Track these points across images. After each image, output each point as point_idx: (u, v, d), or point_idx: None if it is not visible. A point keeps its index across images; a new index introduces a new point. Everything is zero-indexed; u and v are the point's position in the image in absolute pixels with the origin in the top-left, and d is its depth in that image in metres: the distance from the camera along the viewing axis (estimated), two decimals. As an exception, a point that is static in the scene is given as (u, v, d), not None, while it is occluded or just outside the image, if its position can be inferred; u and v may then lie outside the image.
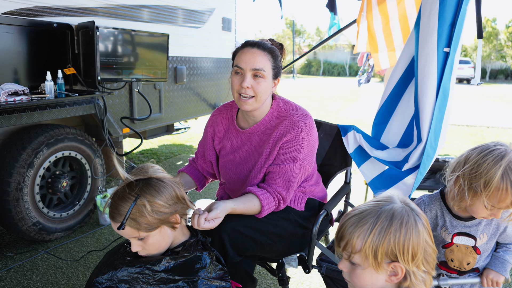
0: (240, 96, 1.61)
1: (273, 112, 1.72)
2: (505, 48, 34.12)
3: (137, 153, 5.63)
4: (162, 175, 1.32)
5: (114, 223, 1.26)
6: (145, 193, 1.24)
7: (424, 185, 3.03)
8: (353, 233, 1.01)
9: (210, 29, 4.79)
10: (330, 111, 11.23)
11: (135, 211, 1.22)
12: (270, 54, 1.62)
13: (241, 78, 1.60)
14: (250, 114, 1.71)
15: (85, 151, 3.09)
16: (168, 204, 1.27)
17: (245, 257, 1.61)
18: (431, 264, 1.01)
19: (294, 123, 1.65)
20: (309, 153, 1.66)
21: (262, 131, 1.72)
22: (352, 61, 38.76)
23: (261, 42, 1.64)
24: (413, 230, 0.98)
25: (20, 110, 2.51)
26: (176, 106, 4.34)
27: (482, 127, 8.89)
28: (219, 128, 1.85)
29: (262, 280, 2.51)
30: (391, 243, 0.97)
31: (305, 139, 1.64)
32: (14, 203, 2.60)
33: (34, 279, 2.45)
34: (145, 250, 1.30)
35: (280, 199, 1.63)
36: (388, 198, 1.05)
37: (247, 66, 1.59)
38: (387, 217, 0.99)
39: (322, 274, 1.73)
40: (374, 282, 1.02)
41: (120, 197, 1.25)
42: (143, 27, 3.64)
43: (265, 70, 1.60)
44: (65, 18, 2.95)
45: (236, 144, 1.79)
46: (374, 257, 0.98)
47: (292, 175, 1.63)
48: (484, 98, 16.37)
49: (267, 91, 1.63)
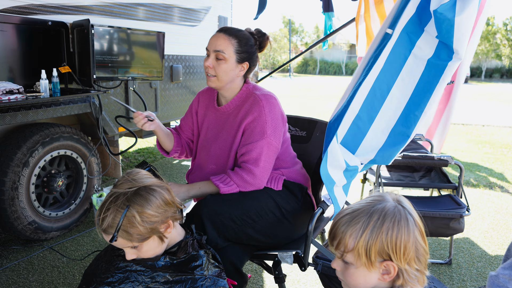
0: (207, 74, 1.79)
1: (242, 93, 1.84)
2: (501, 47, 34.27)
3: (133, 152, 5.62)
4: (150, 181, 1.29)
5: (106, 235, 1.24)
6: (134, 203, 1.22)
7: (420, 183, 3.04)
8: (346, 232, 1.01)
9: (206, 27, 4.78)
10: (327, 109, 11.25)
11: (125, 222, 1.21)
12: (235, 39, 1.74)
13: (207, 58, 1.77)
14: (221, 94, 1.88)
15: (80, 150, 3.08)
16: (158, 212, 1.25)
17: (230, 247, 1.63)
18: (423, 263, 1.01)
19: (257, 101, 1.76)
20: (275, 130, 1.74)
21: (231, 110, 1.85)
22: (349, 59, 38.84)
23: (230, 28, 1.78)
24: (404, 228, 0.98)
25: (15, 108, 2.50)
26: (172, 104, 4.34)
27: (477, 126, 8.93)
28: (201, 104, 2.00)
29: (259, 277, 2.51)
30: (384, 241, 0.97)
31: (268, 116, 1.73)
32: (9, 202, 2.59)
33: (30, 278, 2.45)
34: (140, 257, 1.29)
35: (245, 176, 1.70)
36: (380, 197, 1.05)
37: (210, 47, 1.76)
38: (379, 216, 0.99)
39: (318, 272, 1.74)
40: (367, 281, 1.02)
41: (109, 210, 1.22)
42: (138, 25, 3.63)
43: (225, 53, 1.72)
44: (60, 16, 2.94)
45: (212, 122, 1.91)
46: (366, 256, 0.98)
47: (261, 151, 1.71)
48: (480, 97, 16.44)
49: (228, 73, 1.75)
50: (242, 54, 1.76)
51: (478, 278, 2.56)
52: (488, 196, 4.14)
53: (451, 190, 2.84)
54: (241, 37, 1.76)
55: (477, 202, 3.95)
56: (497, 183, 4.60)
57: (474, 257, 2.83)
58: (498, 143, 7.00)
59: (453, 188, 2.78)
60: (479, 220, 3.49)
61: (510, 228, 3.33)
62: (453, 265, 2.70)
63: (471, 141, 7.16)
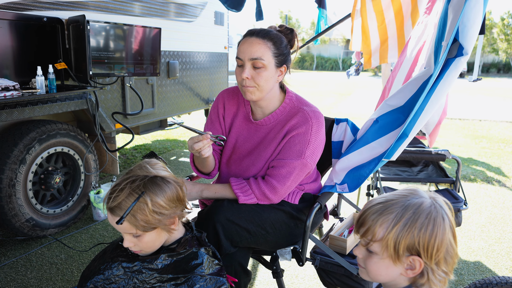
0: (243, 87, 1.60)
1: (286, 106, 1.69)
2: (498, 41, 34.30)
3: (130, 149, 5.60)
4: (167, 174, 1.29)
5: (112, 216, 1.22)
6: (149, 190, 1.21)
7: (417, 178, 3.04)
8: (376, 221, 0.98)
9: (203, 23, 4.77)
10: (324, 105, 11.24)
11: (136, 207, 1.19)
12: (270, 41, 1.56)
13: (241, 69, 1.58)
14: (257, 105, 1.69)
15: (77, 147, 3.07)
16: (169, 206, 1.24)
17: (239, 249, 1.61)
18: (450, 266, 0.98)
19: (307, 119, 1.63)
20: (314, 151, 1.64)
21: (273, 124, 1.70)
22: (346, 55, 38.80)
23: (261, 30, 1.59)
24: (439, 226, 0.95)
25: (11, 105, 2.48)
26: (169, 101, 4.32)
27: (474, 121, 8.95)
28: (228, 111, 1.80)
29: (257, 273, 2.51)
30: (415, 237, 0.94)
31: (313, 137, 1.62)
32: (6, 200, 2.58)
33: (28, 275, 2.44)
34: (137, 246, 1.27)
35: (266, 192, 1.62)
36: (416, 191, 1.02)
37: (245, 56, 1.55)
38: (414, 210, 0.96)
39: (316, 267, 1.74)
40: (389, 273, 1.00)
41: (123, 191, 1.21)
42: (134, 21, 3.61)
43: (264, 59, 1.54)
44: (55, 12, 2.92)
45: (243, 135, 1.76)
46: (395, 249, 0.95)
47: (292, 171, 1.61)
48: (477, 92, 16.47)
49: (269, 81, 1.59)
50: (279, 57, 1.59)
51: (476, 271, 2.57)
52: (485, 190, 4.15)
53: (449, 185, 2.85)
54: (275, 38, 1.58)
55: (474, 196, 3.96)
56: (494, 177, 4.62)
57: (472, 251, 2.84)
58: (495, 138, 7.02)
59: (451, 183, 2.79)
60: (476, 214, 3.50)
61: (507, 222, 3.35)
62: (451, 259, 2.71)
63: (468, 136, 7.18)
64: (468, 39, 1.66)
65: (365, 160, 1.86)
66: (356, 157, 1.89)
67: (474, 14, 1.64)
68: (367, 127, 1.96)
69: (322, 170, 2.16)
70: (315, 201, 1.79)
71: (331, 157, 2.12)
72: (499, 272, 2.58)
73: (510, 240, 3.02)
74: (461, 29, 1.66)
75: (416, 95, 1.83)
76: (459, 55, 1.69)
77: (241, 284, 1.61)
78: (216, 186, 1.71)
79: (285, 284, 1.93)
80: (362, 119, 8.31)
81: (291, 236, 1.76)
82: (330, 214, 2.17)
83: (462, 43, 1.66)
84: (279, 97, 1.71)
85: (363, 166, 1.84)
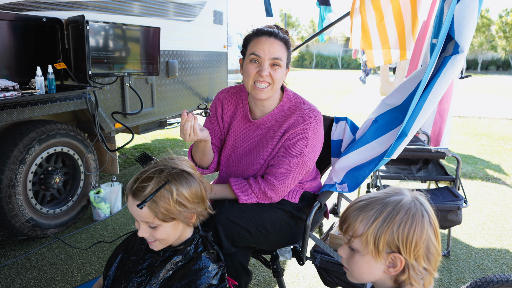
0: (255, 85, 1.61)
1: (284, 105, 1.72)
2: (496, 39, 34.29)
3: (130, 148, 5.60)
4: (193, 171, 1.32)
5: (134, 200, 1.23)
6: (175, 180, 1.23)
7: (417, 176, 3.04)
8: (357, 217, 1.00)
9: (202, 22, 4.76)
10: (323, 104, 11.24)
11: (160, 194, 1.20)
12: (286, 44, 1.64)
13: (258, 66, 1.60)
14: (260, 104, 1.71)
15: (77, 147, 3.07)
16: (192, 200, 1.26)
17: (239, 249, 1.61)
18: (433, 264, 0.99)
19: (305, 117, 1.65)
20: (312, 149, 1.66)
21: (271, 123, 1.72)
22: (345, 53, 38.79)
23: (277, 32, 1.64)
24: (418, 222, 0.96)
25: (11, 106, 2.48)
26: (168, 100, 4.32)
27: (474, 118, 8.95)
28: (227, 111, 1.82)
29: (257, 272, 2.51)
30: (395, 233, 0.95)
31: (311, 135, 1.64)
32: (6, 200, 2.58)
33: (28, 276, 2.44)
34: (151, 237, 1.27)
35: (266, 190, 1.63)
36: (398, 190, 1.04)
37: (265, 55, 1.58)
38: (394, 207, 0.98)
39: (316, 266, 1.74)
40: (372, 271, 1.01)
41: (150, 177, 1.22)
42: (134, 21, 3.61)
43: (282, 60, 1.61)
44: (55, 13, 2.92)
45: (242, 134, 1.77)
46: (374, 244, 0.97)
47: (291, 169, 1.63)
48: (476, 89, 16.47)
49: (282, 80, 1.65)
50: (289, 58, 1.67)
51: (476, 269, 2.57)
52: (485, 188, 4.15)
53: (449, 182, 2.85)
54: (288, 41, 1.65)
55: (474, 194, 3.96)
56: (494, 175, 4.62)
57: (472, 249, 2.84)
58: (494, 135, 7.02)
59: (451, 180, 2.79)
60: (476, 212, 3.50)
61: (507, 220, 3.35)
62: (451, 257, 2.72)
63: (468, 133, 7.18)
64: (464, 37, 1.67)
65: (365, 160, 1.87)
66: (356, 156, 1.89)
67: (469, 12, 1.65)
68: (366, 126, 1.96)
69: (322, 169, 2.16)
70: (315, 200, 1.79)
71: (330, 156, 2.12)
72: (500, 270, 2.58)
73: (511, 238, 3.02)
74: (456, 27, 1.66)
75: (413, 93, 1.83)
76: (455, 53, 1.69)
77: (242, 283, 1.61)
78: (215, 186, 1.72)
79: (285, 283, 1.93)
80: (361, 117, 8.31)
81: (292, 235, 1.76)
82: (330, 213, 2.17)
83: (457, 41, 1.67)
84: (278, 96, 1.73)
85: (363, 166, 1.84)
